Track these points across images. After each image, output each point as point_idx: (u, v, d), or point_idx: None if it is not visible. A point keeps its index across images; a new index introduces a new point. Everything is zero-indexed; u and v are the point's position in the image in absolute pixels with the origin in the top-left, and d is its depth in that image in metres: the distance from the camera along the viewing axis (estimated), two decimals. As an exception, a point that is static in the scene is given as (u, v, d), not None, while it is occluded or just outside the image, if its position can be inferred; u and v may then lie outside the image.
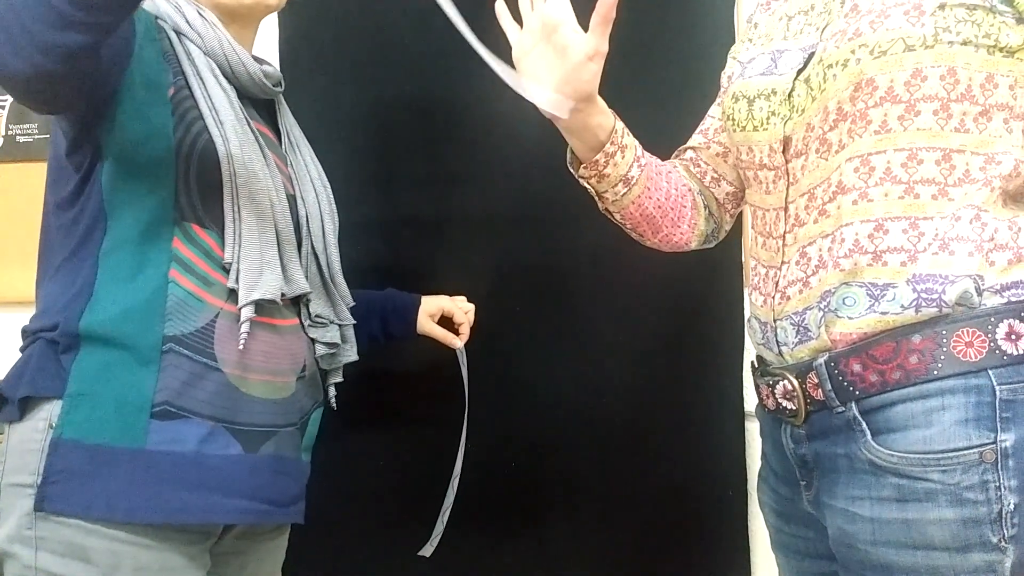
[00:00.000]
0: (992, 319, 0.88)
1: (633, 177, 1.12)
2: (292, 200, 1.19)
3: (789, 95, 1.00)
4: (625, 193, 1.13)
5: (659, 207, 1.16)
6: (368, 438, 1.71)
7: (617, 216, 1.17)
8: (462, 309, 1.51)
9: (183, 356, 1.04)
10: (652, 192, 1.14)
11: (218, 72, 1.13)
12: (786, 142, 1.01)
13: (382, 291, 1.51)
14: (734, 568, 1.75)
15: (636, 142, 1.14)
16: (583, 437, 1.71)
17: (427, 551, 1.48)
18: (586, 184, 1.14)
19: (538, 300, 1.71)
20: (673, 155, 1.27)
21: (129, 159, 1.05)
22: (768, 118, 1.02)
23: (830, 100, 0.95)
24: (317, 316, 1.20)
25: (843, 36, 0.95)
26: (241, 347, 1.07)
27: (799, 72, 1.00)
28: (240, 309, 1.07)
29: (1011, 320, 0.88)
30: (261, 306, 1.09)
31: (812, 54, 0.99)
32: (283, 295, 1.12)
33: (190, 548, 1.06)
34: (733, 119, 1.08)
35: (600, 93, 1.07)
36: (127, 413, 1.02)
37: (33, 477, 1.00)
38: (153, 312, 1.04)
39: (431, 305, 1.49)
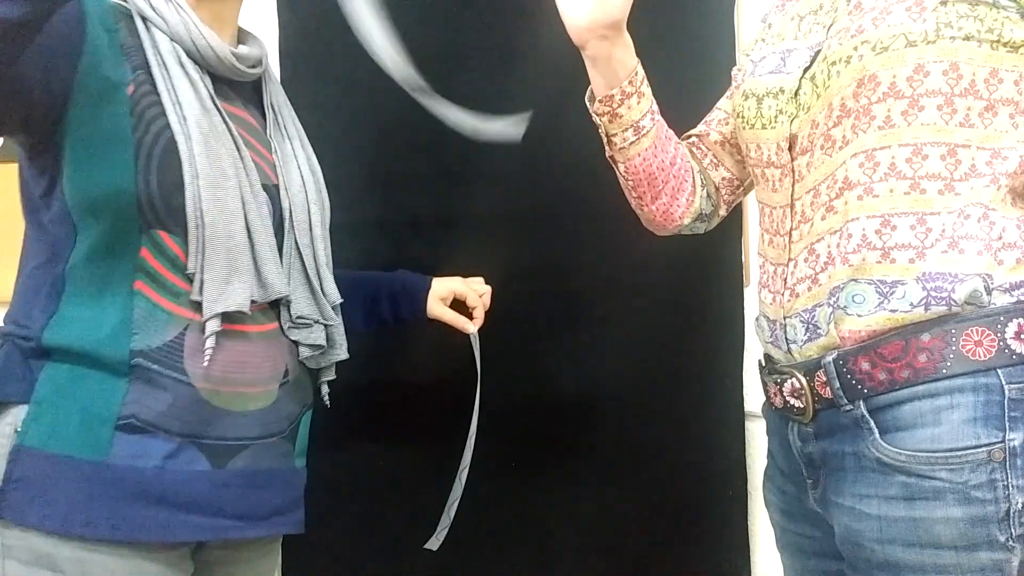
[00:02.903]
0: (1002, 318, 0.88)
1: (644, 127, 1.13)
2: (275, 191, 1.13)
3: (796, 93, 1.01)
4: (634, 142, 1.13)
5: (663, 169, 1.16)
6: (368, 437, 1.71)
7: (621, 167, 1.17)
8: (476, 291, 1.44)
9: (151, 371, 1.00)
10: (659, 152, 1.15)
11: (185, 59, 1.05)
12: (792, 140, 1.01)
13: (393, 272, 1.44)
14: (734, 568, 1.75)
15: (653, 98, 1.15)
16: (583, 437, 1.71)
17: (433, 544, 1.44)
18: (598, 122, 1.15)
19: (538, 300, 1.71)
20: None
21: (89, 165, 0.99)
22: (776, 116, 1.03)
23: (834, 97, 0.95)
24: (299, 317, 1.12)
25: (847, 33, 0.96)
26: (206, 363, 1.01)
27: (805, 70, 1.00)
28: (205, 323, 1.01)
29: (1020, 319, 0.88)
30: (231, 315, 1.03)
31: (818, 52, 0.99)
32: (254, 301, 1.06)
33: (167, 555, 1.03)
34: (743, 116, 1.09)
35: None
36: (91, 424, 0.98)
37: None
38: (119, 327, 0.99)
39: (442, 288, 1.42)
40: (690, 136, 1.27)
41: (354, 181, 1.66)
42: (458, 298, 1.43)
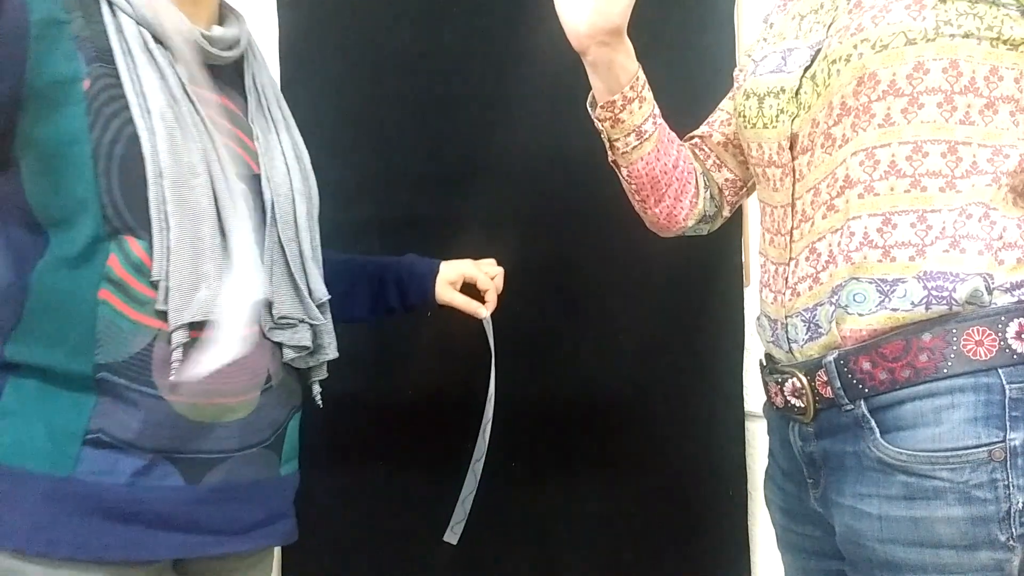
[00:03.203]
0: (1002, 318, 0.88)
1: (647, 131, 1.13)
2: (255, 182, 1.05)
3: (797, 92, 1.01)
4: (636, 146, 1.13)
5: (666, 172, 1.16)
6: (369, 438, 1.70)
7: (624, 171, 1.17)
8: (488, 274, 1.36)
9: (118, 385, 0.93)
10: (662, 155, 1.15)
11: (153, 44, 0.97)
12: (793, 139, 1.01)
13: (400, 256, 1.37)
14: (734, 568, 1.75)
15: (655, 102, 1.14)
16: (583, 436, 1.71)
17: (451, 538, 1.40)
18: (600, 127, 1.15)
19: (537, 300, 1.71)
20: None
21: (48, 172, 0.92)
22: (777, 116, 1.03)
23: (834, 95, 0.96)
24: (281, 318, 1.05)
25: (846, 32, 0.96)
26: (172, 377, 0.94)
27: (806, 69, 1.00)
28: (171, 333, 0.94)
29: (1021, 319, 0.88)
30: (202, 323, 0.96)
31: (819, 51, 0.99)
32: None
33: (141, 571, 0.97)
34: (744, 116, 1.09)
35: None
36: (57, 439, 0.92)
37: None
38: (83, 340, 0.93)
39: (451, 271, 1.34)
40: (692, 138, 1.27)
41: (354, 181, 1.66)
42: (468, 281, 1.36)
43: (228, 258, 0.99)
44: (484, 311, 1.35)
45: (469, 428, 1.60)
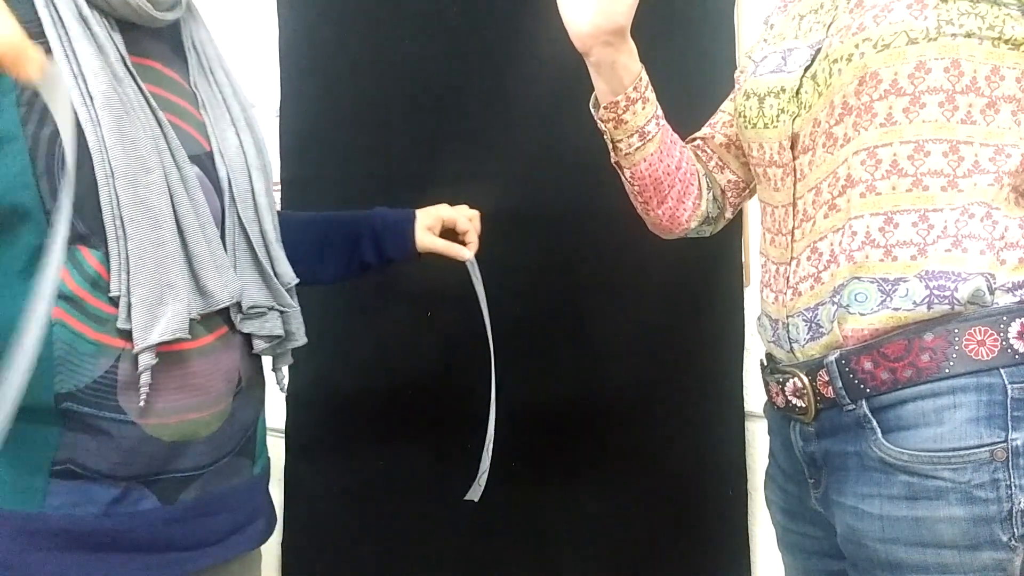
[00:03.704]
0: (1005, 318, 0.88)
1: (650, 132, 1.12)
2: (208, 160, 0.96)
3: (797, 92, 1.01)
4: (639, 147, 1.13)
5: (668, 174, 1.16)
6: (369, 437, 1.70)
7: (627, 172, 1.17)
8: (465, 216, 1.30)
9: (83, 414, 0.85)
10: (664, 156, 1.15)
11: (88, 12, 0.86)
12: (794, 139, 1.01)
13: (368, 210, 1.29)
14: (734, 568, 1.75)
15: (657, 102, 1.14)
16: (583, 437, 1.71)
17: (475, 495, 1.35)
18: (603, 128, 1.14)
19: (538, 300, 1.71)
20: None
21: None
22: (778, 115, 1.03)
23: (835, 95, 0.95)
24: (251, 307, 0.97)
25: (847, 31, 0.96)
26: (142, 403, 0.86)
27: (807, 69, 1.00)
28: (137, 356, 0.85)
29: (1023, 319, 0.89)
30: (170, 341, 0.87)
31: (819, 50, 0.99)
32: (193, 319, 0.90)
33: None
34: (745, 116, 1.09)
35: None
36: (22, 473, 0.86)
37: None
38: (38, 367, 0.80)
39: (428, 217, 1.27)
40: (694, 139, 1.26)
41: (354, 181, 1.66)
42: (446, 226, 1.29)
43: (190, 262, 0.90)
44: (468, 252, 1.29)
45: (470, 427, 1.60)
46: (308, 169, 1.66)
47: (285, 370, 1.10)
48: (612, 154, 1.16)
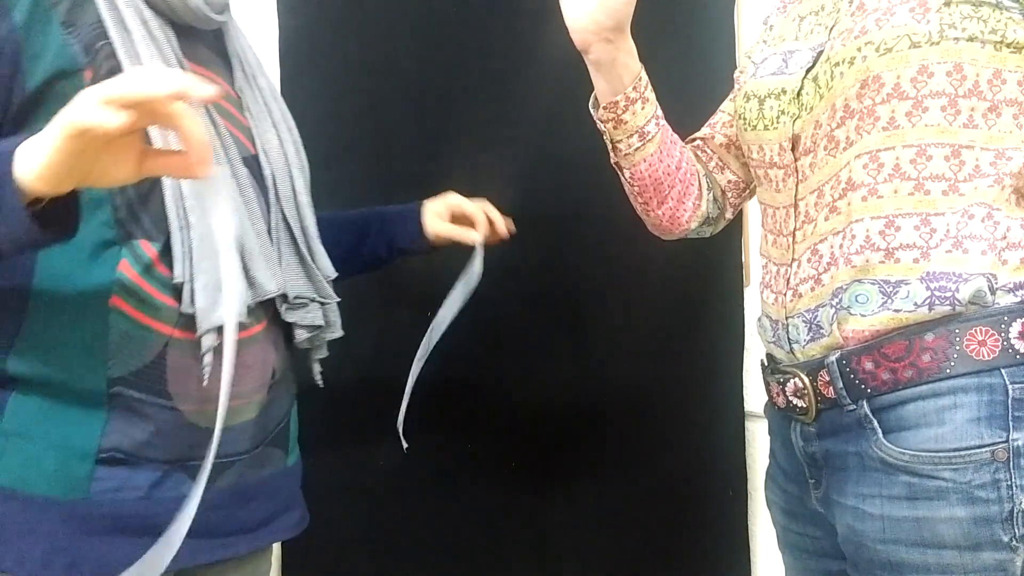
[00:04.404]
0: (1005, 318, 0.88)
1: (650, 132, 1.12)
2: (254, 162, 1.01)
3: (798, 94, 1.01)
4: (639, 148, 1.12)
5: (668, 174, 1.16)
6: (369, 437, 1.70)
7: (627, 173, 1.16)
8: (475, 204, 1.33)
9: (132, 398, 0.90)
10: (664, 156, 1.14)
11: (148, 13, 0.91)
12: (795, 140, 1.01)
13: (374, 208, 1.33)
14: (734, 568, 1.75)
15: (657, 102, 1.14)
16: (584, 437, 1.71)
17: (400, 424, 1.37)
18: (603, 128, 1.14)
19: (538, 300, 1.71)
20: None
21: None
22: (778, 117, 1.03)
23: (837, 98, 0.95)
24: (296, 298, 1.02)
25: (849, 34, 0.96)
26: (206, 382, 0.91)
27: (808, 71, 1.00)
28: (200, 338, 0.90)
29: (1024, 319, 0.89)
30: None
31: (820, 53, 0.99)
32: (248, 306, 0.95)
33: None
34: (744, 118, 1.09)
35: None
36: (69, 461, 0.89)
37: None
38: (94, 352, 0.88)
39: (437, 204, 1.31)
40: (694, 140, 1.26)
41: (354, 181, 1.66)
42: (454, 213, 1.33)
43: (243, 255, 0.94)
44: (476, 235, 1.32)
45: (472, 427, 1.60)
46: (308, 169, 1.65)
47: (318, 365, 1.13)
48: (612, 154, 1.16)
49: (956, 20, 0.90)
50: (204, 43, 1.02)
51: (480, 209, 1.33)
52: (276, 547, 1.66)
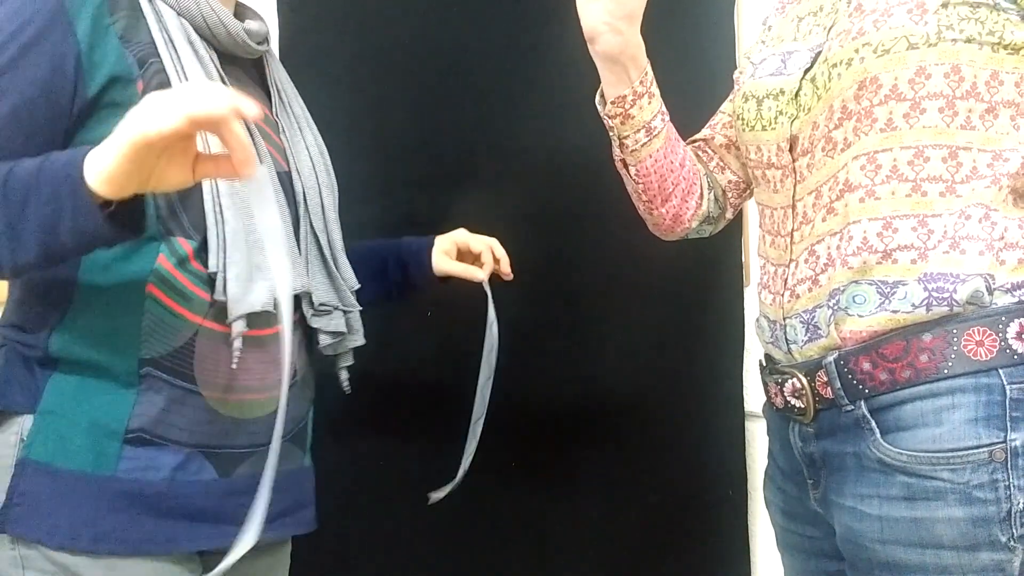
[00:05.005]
0: (1003, 318, 0.89)
1: (656, 128, 1.12)
2: (286, 178, 1.09)
3: (796, 95, 1.01)
4: (646, 143, 1.12)
5: (673, 171, 1.16)
6: (371, 437, 1.70)
7: (632, 170, 1.16)
8: (481, 239, 1.37)
9: (162, 380, 0.97)
10: (669, 153, 1.15)
11: (195, 37, 0.99)
12: (793, 141, 1.01)
13: (395, 239, 1.39)
14: (734, 568, 1.75)
15: (661, 99, 1.14)
16: (584, 437, 1.71)
17: (436, 496, 1.40)
18: (610, 124, 1.14)
19: (538, 301, 1.70)
20: None
21: None
22: (776, 117, 1.03)
23: (835, 99, 0.96)
24: (321, 305, 1.09)
25: (847, 35, 0.96)
26: (235, 366, 0.98)
27: (806, 72, 1.00)
28: (231, 324, 0.97)
29: (1022, 319, 0.89)
30: (248, 319, 0.99)
31: (819, 54, 0.99)
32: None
33: (176, 558, 1.01)
34: (743, 119, 1.09)
35: None
36: (99, 438, 0.95)
37: (0, 496, 0.94)
38: (129, 334, 0.95)
39: (444, 241, 1.35)
40: (695, 140, 1.26)
41: (354, 181, 1.65)
42: (461, 248, 1.37)
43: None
44: (481, 273, 1.36)
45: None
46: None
47: (345, 372, 1.19)
48: (618, 151, 1.16)
49: (954, 21, 0.90)
50: (244, 70, 1.11)
51: (488, 247, 1.37)
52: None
